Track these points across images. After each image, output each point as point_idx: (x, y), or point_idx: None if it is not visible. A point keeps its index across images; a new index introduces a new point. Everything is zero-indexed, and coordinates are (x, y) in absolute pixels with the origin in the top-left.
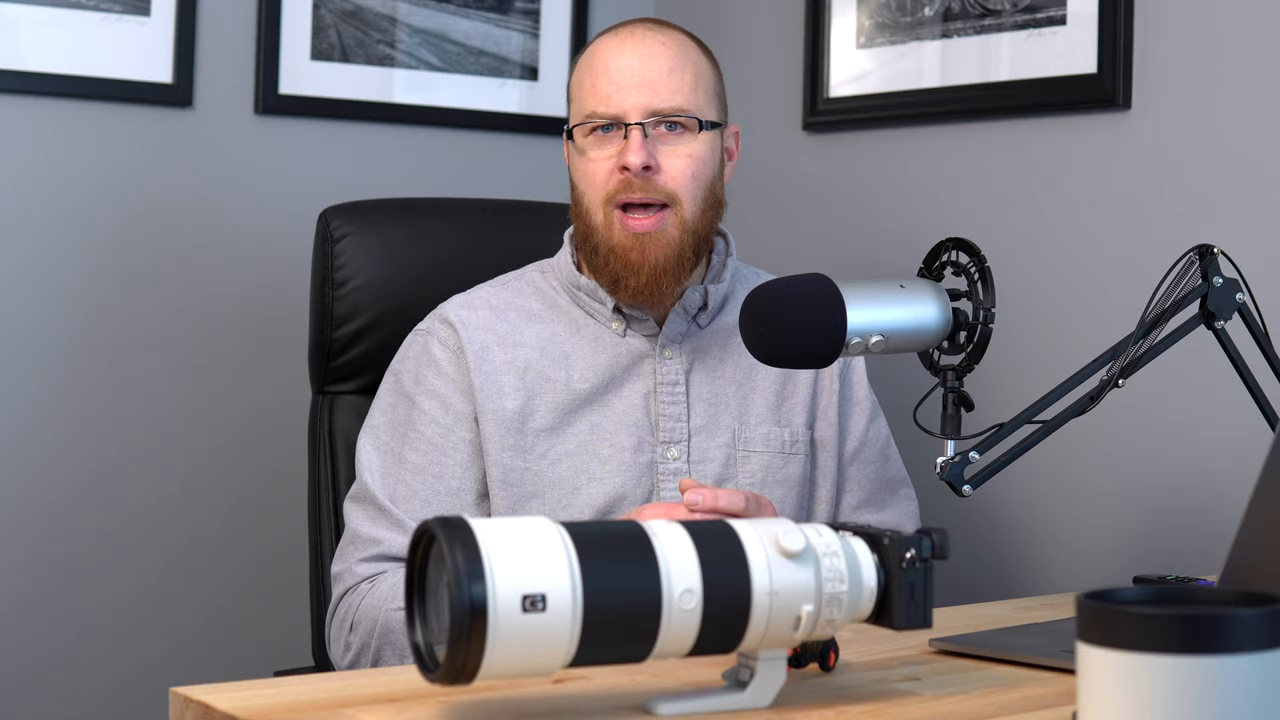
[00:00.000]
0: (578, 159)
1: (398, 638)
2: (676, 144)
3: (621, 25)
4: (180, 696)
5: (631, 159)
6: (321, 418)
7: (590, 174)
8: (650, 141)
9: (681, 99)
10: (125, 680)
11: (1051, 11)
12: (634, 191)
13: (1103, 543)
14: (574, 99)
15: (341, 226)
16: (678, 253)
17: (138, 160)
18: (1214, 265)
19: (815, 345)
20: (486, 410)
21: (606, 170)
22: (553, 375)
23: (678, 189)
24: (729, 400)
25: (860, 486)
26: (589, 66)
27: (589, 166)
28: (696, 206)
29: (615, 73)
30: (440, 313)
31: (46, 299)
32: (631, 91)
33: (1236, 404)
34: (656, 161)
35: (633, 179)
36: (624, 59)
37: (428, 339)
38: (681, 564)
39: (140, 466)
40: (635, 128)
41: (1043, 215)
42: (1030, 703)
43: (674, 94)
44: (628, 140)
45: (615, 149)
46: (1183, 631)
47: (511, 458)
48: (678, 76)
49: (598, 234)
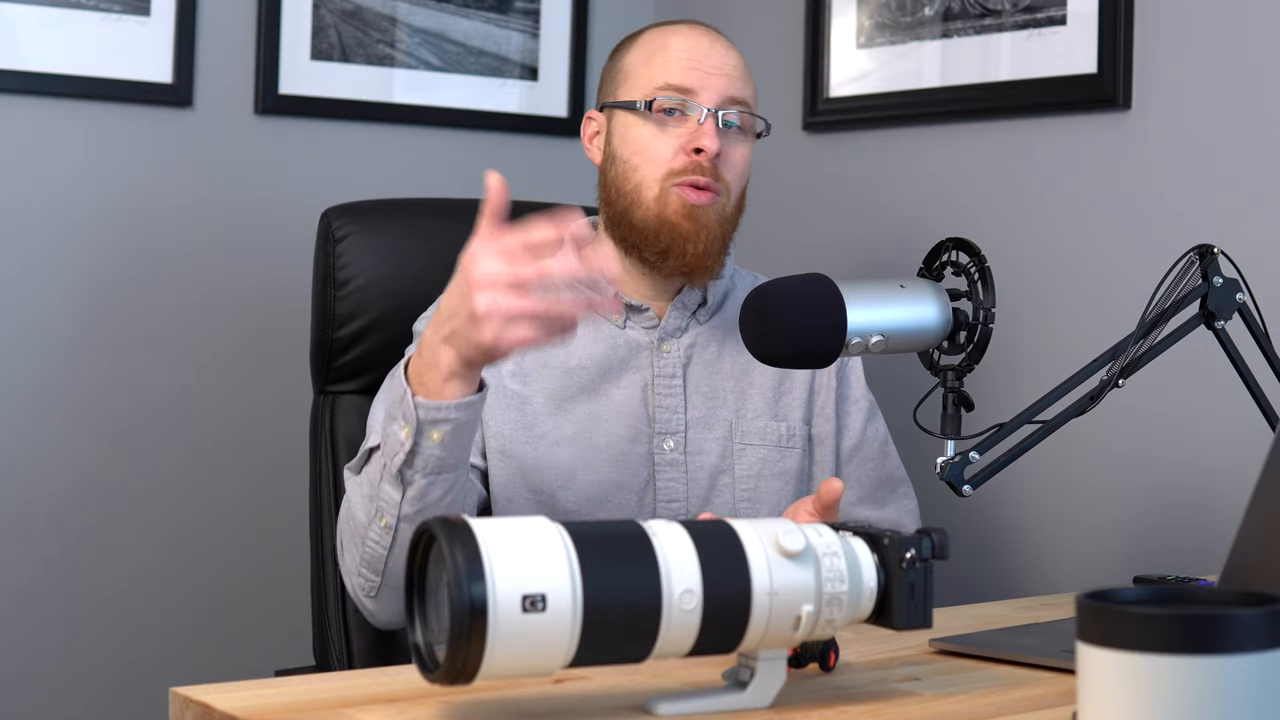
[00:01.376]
0: (639, 131)
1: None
2: (737, 143)
3: (682, 22)
4: (180, 696)
5: (708, 143)
6: (323, 417)
7: (652, 149)
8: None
9: (749, 94)
10: (125, 679)
11: (1051, 11)
12: (702, 174)
13: (1103, 543)
14: (638, 73)
15: (343, 226)
16: (723, 233)
17: (137, 160)
18: (1214, 265)
19: (815, 345)
20: (487, 383)
21: (672, 149)
22: (550, 362)
23: (733, 180)
24: (726, 394)
25: (859, 483)
26: (661, 48)
27: (651, 142)
28: (737, 202)
29: (695, 55)
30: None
31: (46, 299)
32: (710, 76)
33: (1236, 404)
34: (724, 152)
35: (703, 163)
36: (701, 47)
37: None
38: (681, 564)
39: (141, 465)
40: (711, 115)
41: (1043, 215)
42: (1030, 703)
43: (745, 88)
44: (702, 125)
45: (685, 130)
46: (1183, 631)
47: (512, 429)
48: (747, 78)
49: (645, 207)
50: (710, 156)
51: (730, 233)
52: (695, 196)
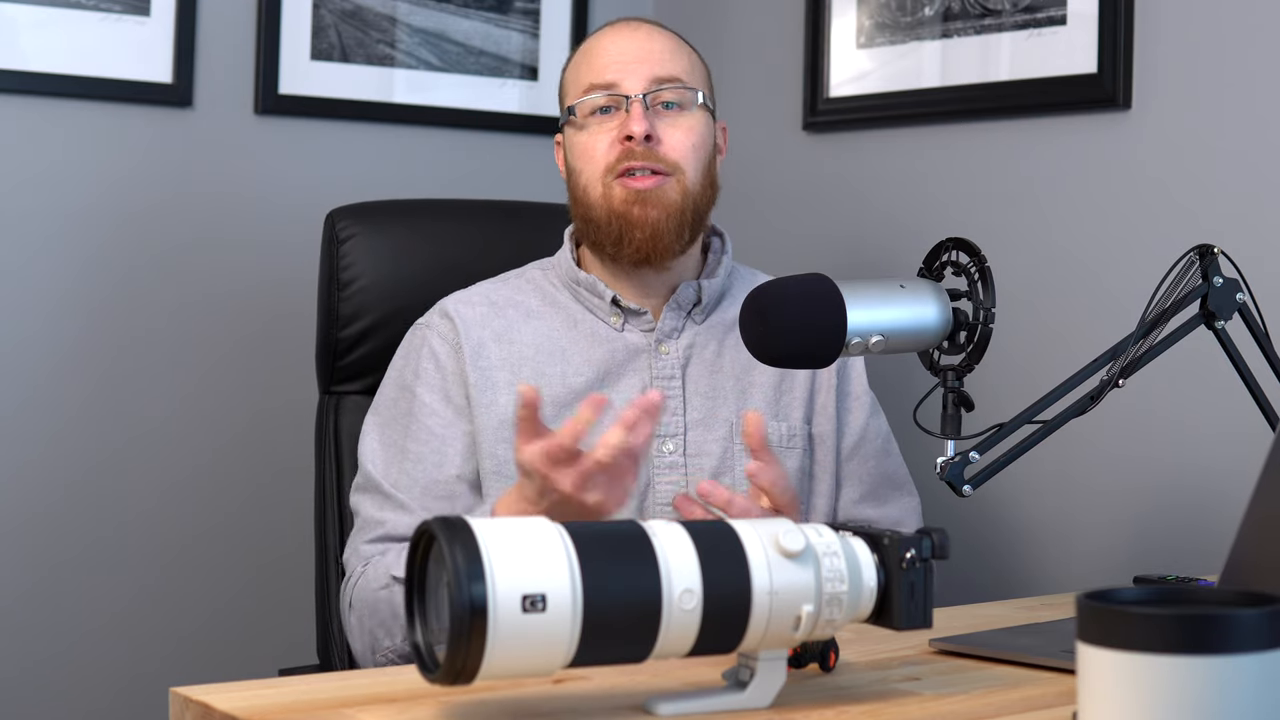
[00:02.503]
0: (576, 138)
1: (384, 615)
2: (676, 119)
3: (616, 21)
4: (180, 696)
5: (634, 127)
6: (328, 417)
7: (589, 149)
8: (651, 114)
9: (681, 72)
10: (130, 680)
11: (1051, 11)
12: (635, 160)
13: (1103, 543)
14: (569, 85)
15: (347, 227)
16: (679, 213)
17: (137, 160)
18: (1214, 265)
19: (815, 345)
20: (480, 405)
21: (606, 144)
22: (548, 370)
23: (679, 159)
24: (726, 394)
25: (860, 481)
26: (584, 53)
27: (588, 142)
28: (697, 177)
29: (615, 52)
30: (440, 307)
31: (47, 299)
32: (630, 65)
33: (1236, 404)
34: (657, 133)
35: (635, 148)
36: (621, 41)
37: (426, 333)
38: (681, 564)
39: (146, 466)
40: (636, 100)
41: (1043, 215)
42: (1030, 703)
43: (673, 66)
44: (629, 113)
45: (615, 123)
46: (1183, 631)
47: (505, 450)
48: (676, 56)
49: (596, 207)
50: (640, 140)
51: (696, 209)
52: (638, 182)
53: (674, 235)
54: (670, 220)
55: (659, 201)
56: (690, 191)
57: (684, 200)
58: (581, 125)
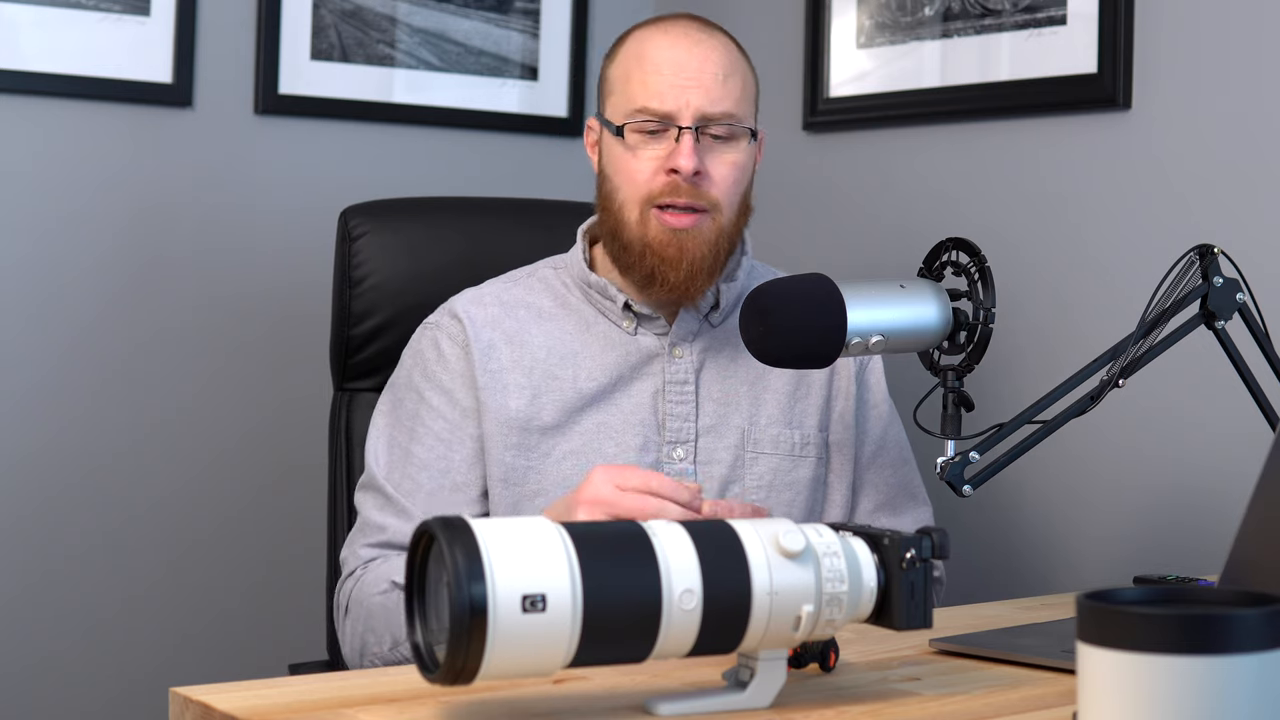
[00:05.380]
0: (619, 152)
1: (377, 622)
2: (724, 152)
3: (667, 20)
4: (180, 696)
5: (683, 163)
6: (340, 414)
7: (632, 171)
8: (700, 147)
9: (732, 105)
10: (141, 677)
11: (1051, 11)
12: (679, 195)
13: (1103, 543)
14: (618, 91)
15: (360, 225)
16: (713, 253)
17: (137, 160)
18: (1214, 265)
19: (815, 345)
20: (489, 408)
21: (651, 170)
22: (559, 374)
23: (720, 196)
24: (740, 400)
25: (878, 490)
26: (639, 60)
27: (632, 163)
28: (733, 213)
29: (669, 71)
30: (449, 307)
31: (47, 299)
32: (686, 92)
33: (1236, 404)
34: (705, 168)
35: (680, 183)
36: (678, 57)
37: (436, 333)
38: (681, 564)
39: (157, 463)
40: (688, 132)
41: (1043, 215)
42: (1030, 703)
43: (726, 100)
44: (679, 144)
45: (663, 149)
46: (1183, 631)
47: (514, 456)
48: (730, 83)
49: (629, 230)
50: (687, 176)
51: (727, 247)
52: (676, 220)
53: (708, 275)
54: (705, 260)
55: (695, 240)
56: (725, 229)
57: (718, 238)
58: (630, 145)
